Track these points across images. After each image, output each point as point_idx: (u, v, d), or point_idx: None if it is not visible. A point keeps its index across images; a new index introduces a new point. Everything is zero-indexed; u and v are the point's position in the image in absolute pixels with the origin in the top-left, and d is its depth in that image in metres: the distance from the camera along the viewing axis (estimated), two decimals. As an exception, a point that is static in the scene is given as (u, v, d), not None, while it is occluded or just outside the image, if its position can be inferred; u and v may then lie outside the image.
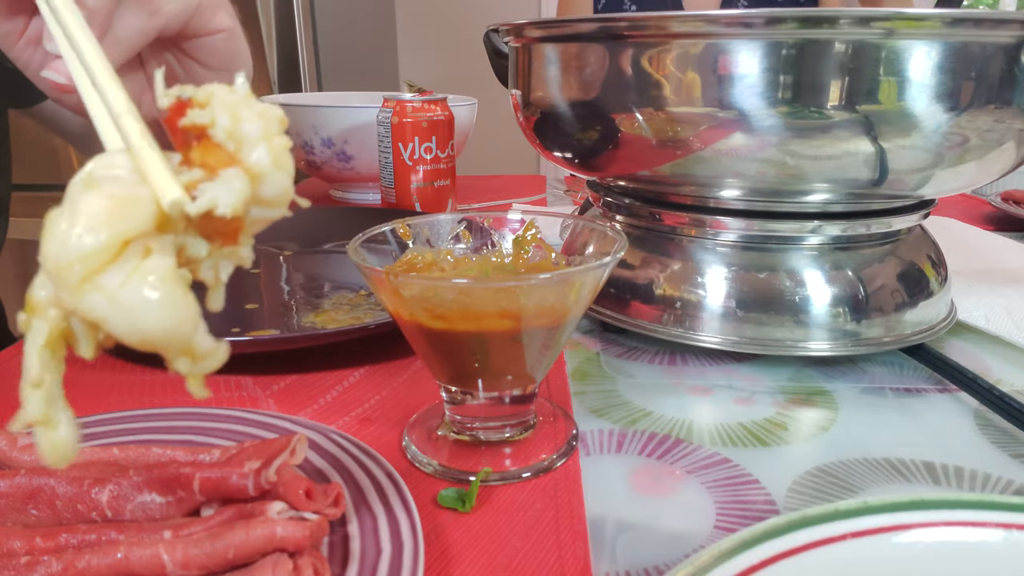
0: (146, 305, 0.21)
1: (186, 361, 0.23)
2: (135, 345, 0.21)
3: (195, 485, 0.29)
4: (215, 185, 0.22)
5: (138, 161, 0.22)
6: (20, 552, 0.27)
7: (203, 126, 0.23)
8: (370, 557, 0.28)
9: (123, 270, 0.21)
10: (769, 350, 0.47)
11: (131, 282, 0.21)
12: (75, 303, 0.21)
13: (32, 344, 0.23)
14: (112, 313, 0.21)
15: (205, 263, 0.24)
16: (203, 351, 0.23)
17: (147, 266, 0.21)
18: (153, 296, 0.21)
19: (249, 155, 0.23)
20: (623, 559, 0.31)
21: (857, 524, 0.28)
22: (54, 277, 0.21)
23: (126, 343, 0.21)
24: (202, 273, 0.24)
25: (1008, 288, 0.59)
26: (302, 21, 1.75)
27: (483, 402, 0.38)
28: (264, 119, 0.23)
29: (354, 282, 0.63)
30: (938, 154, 0.42)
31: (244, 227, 0.24)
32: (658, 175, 0.47)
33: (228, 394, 0.46)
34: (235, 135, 0.23)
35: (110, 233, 0.21)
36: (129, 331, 0.21)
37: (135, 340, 0.21)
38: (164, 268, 0.21)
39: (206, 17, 0.42)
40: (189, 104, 0.23)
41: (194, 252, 0.23)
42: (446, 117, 0.81)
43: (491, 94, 1.34)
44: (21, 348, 0.52)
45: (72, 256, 0.21)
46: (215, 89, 0.23)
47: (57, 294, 0.21)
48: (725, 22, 0.40)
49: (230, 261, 0.24)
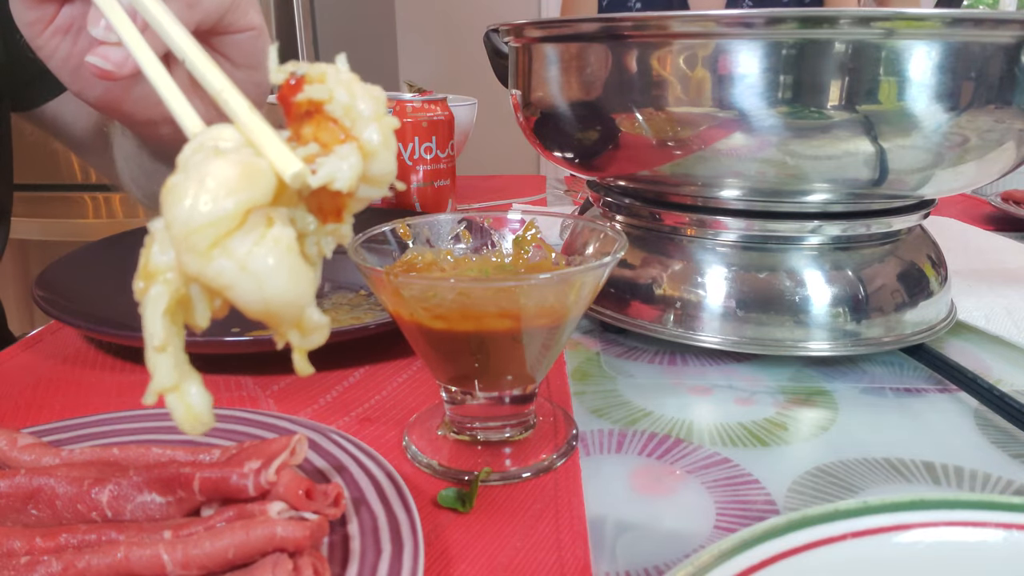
0: (272, 273, 0.21)
1: (296, 334, 0.23)
2: (254, 313, 0.22)
3: (195, 485, 0.29)
4: (332, 160, 0.23)
5: (251, 135, 0.23)
6: (20, 552, 0.27)
7: (320, 101, 0.23)
8: (370, 557, 0.28)
9: (250, 238, 0.21)
10: (769, 350, 0.47)
11: (258, 250, 0.21)
12: (202, 268, 0.21)
13: (153, 310, 0.22)
14: (239, 279, 0.21)
15: (310, 238, 0.24)
16: (312, 324, 0.23)
17: (272, 234, 0.21)
18: (279, 265, 0.21)
19: (362, 132, 0.23)
20: (623, 559, 0.31)
21: (857, 524, 0.28)
22: (181, 242, 0.21)
23: (246, 310, 0.22)
24: (307, 248, 0.24)
25: (1008, 288, 0.59)
26: (302, 21, 1.75)
27: (483, 402, 0.38)
28: (374, 99, 0.23)
29: (354, 282, 0.63)
30: (938, 154, 0.42)
31: (348, 205, 0.24)
32: (658, 175, 0.47)
33: (228, 394, 0.46)
34: (351, 112, 0.23)
35: (240, 199, 0.21)
36: (253, 298, 0.21)
37: (256, 308, 0.22)
38: (288, 238, 0.22)
39: (239, 13, 0.42)
40: (303, 80, 0.23)
41: (302, 226, 0.24)
42: (446, 117, 0.81)
43: (491, 94, 1.34)
44: (21, 348, 0.52)
45: (203, 220, 0.21)
46: (327, 67, 0.23)
47: (180, 259, 0.21)
48: (725, 22, 0.40)
49: (333, 238, 0.25)
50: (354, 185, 0.23)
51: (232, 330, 0.54)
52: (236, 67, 0.46)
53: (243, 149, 0.22)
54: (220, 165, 0.21)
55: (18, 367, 0.50)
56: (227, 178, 0.21)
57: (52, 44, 0.40)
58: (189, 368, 0.23)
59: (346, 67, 0.24)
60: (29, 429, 0.37)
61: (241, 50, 0.45)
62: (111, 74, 0.37)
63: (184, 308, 0.23)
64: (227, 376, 0.48)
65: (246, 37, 0.44)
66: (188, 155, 0.22)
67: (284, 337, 0.23)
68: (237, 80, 0.46)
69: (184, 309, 0.23)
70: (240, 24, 0.43)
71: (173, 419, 0.23)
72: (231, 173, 0.21)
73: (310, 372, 0.24)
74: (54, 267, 0.58)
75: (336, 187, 0.22)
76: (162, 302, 0.22)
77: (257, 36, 0.45)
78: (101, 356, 0.51)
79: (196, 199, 0.21)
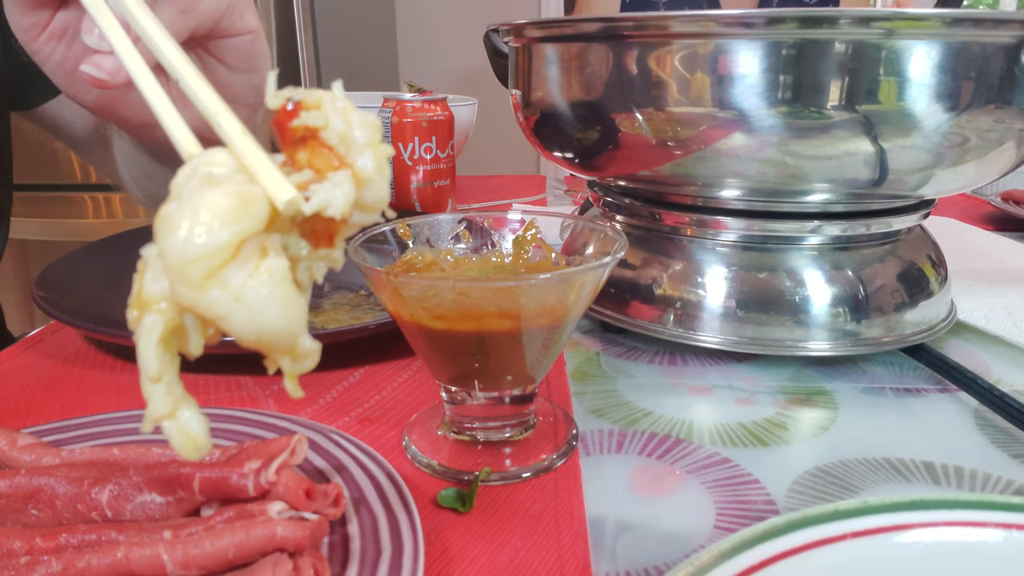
0: (266, 304, 0.21)
1: (288, 360, 0.23)
2: (247, 343, 0.22)
3: (195, 485, 0.29)
4: (325, 187, 0.23)
5: (244, 159, 0.23)
6: (20, 552, 0.27)
7: (315, 128, 0.23)
8: (370, 557, 0.28)
9: (244, 269, 0.21)
10: (769, 350, 0.47)
11: (252, 281, 0.21)
12: (196, 299, 0.21)
13: (147, 340, 0.23)
14: (232, 310, 0.21)
15: (302, 264, 0.24)
16: (304, 351, 0.23)
17: (267, 266, 0.22)
18: (272, 296, 0.22)
19: (357, 159, 0.23)
20: (623, 559, 0.31)
21: (857, 524, 0.28)
22: (175, 272, 0.21)
23: (240, 340, 0.22)
24: (299, 274, 0.24)
25: (1008, 288, 0.59)
26: (302, 21, 1.75)
27: (483, 402, 0.38)
28: (369, 126, 0.23)
29: (354, 282, 0.63)
30: (938, 154, 0.42)
31: (341, 230, 0.24)
32: (658, 175, 0.47)
33: (228, 394, 0.46)
34: (346, 139, 0.23)
35: (235, 230, 0.21)
36: (247, 328, 0.22)
37: (249, 338, 0.22)
38: (282, 268, 0.22)
39: (235, 17, 0.42)
40: (300, 107, 0.23)
41: (295, 252, 0.24)
42: (446, 117, 0.81)
43: (491, 94, 1.34)
44: (21, 348, 0.52)
45: (197, 253, 0.21)
46: (323, 94, 0.23)
47: (174, 289, 0.22)
48: (725, 22, 0.40)
49: (325, 263, 0.25)
50: (348, 212, 0.23)
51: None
52: (233, 71, 0.45)
53: (237, 176, 0.22)
54: (214, 196, 0.21)
55: (18, 367, 0.50)
56: (221, 209, 0.21)
57: (47, 49, 0.40)
58: (183, 394, 0.23)
59: (343, 94, 0.24)
60: (29, 429, 0.37)
61: (238, 54, 0.45)
62: (105, 83, 0.37)
63: (178, 336, 0.23)
64: (227, 376, 0.48)
65: (243, 41, 0.44)
66: (182, 182, 0.22)
67: (276, 363, 0.23)
68: (234, 83, 0.46)
69: (178, 337, 0.23)
70: (236, 28, 0.43)
71: (171, 446, 0.23)
72: (225, 204, 0.21)
73: (300, 395, 0.24)
74: (54, 267, 0.58)
75: (329, 214, 0.22)
76: (156, 332, 0.22)
77: (254, 40, 0.44)
78: (101, 356, 0.51)
79: (191, 231, 0.21)
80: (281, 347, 0.23)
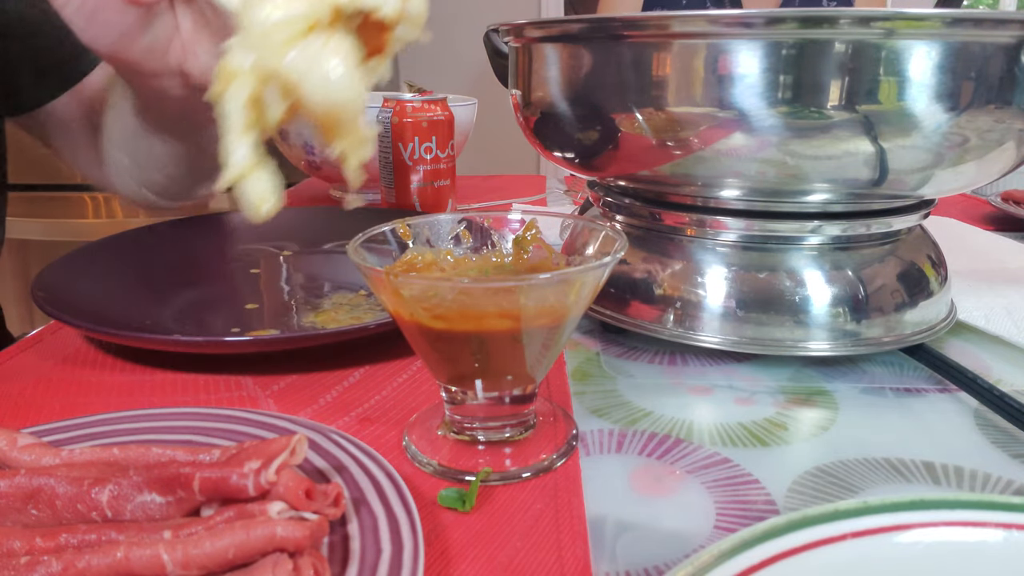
0: (336, 68, 0.27)
1: (347, 144, 0.28)
2: (318, 107, 0.27)
3: (195, 485, 0.29)
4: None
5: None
6: (20, 552, 0.27)
7: None
8: (370, 557, 0.28)
9: (318, 40, 0.27)
10: (769, 350, 0.47)
11: (326, 50, 0.27)
12: (278, 61, 0.27)
13: (234, 102, 0.28)
14: (309, 71, 0.26)
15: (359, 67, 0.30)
16: (362, 135, 0.29)
17: (337, 39, 0.27)
18: (341, 64, 0.27)
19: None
20: (623, 559, 0.31)
21: (857, 524, 0.28)
22: (260, 39, 0.27)
23: (311, 105, 0.27)
24: None
25: (1008, 288, 0.59)
26: (302, 21, 1.75)
27: (483, 402, 0.38)
28: None
29: (354, 282, 0.63)
30: (938, 154, 0.42)
31: (389, 42, 0.30)
32: (658, 175, 0.47)
33: (228, 394, 0.46)
34: None
35: (306, 8, 0.27)
36: (320, 93, 0.27)
37: (320, 103, 0.27)
38: (348, 46, 0.28)
39: None
40: None
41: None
42: (446, 117, 0.81)
43: (491, 94, 1.34)
44: (21, 348, 0.52)
45: (278, 19, 0.26)
46: None
47: (258, 57, 0.27)
48: (725, 22, 0.40)
49: (375, 74, 0.30)
50: (398, 11, 0.28)
51: (232, 330, 0.54)
52: None
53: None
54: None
55: (18, 367, 0.50)
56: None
57: None
58: (263, 157, 0.29)
59: None
60: (29, 429, 0.37)
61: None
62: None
63: (258, 108, 0.28)
64: (227, 376, 0.48)
65: None
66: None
67: (339, 146, 0.29)
68: None
69: (258, 109, 0.28)
70: None
71: (244, 206, 0.28)
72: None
73: (362, 181, 0.30)
74: (54, 267, 0.58)
75: (384, 12, 0.28)
76: (243, 93, 0.27)
77: None
78: (101, 356, 0.51)
79: (272, 8, 0.26)
80: (346, 118, 0.27)
